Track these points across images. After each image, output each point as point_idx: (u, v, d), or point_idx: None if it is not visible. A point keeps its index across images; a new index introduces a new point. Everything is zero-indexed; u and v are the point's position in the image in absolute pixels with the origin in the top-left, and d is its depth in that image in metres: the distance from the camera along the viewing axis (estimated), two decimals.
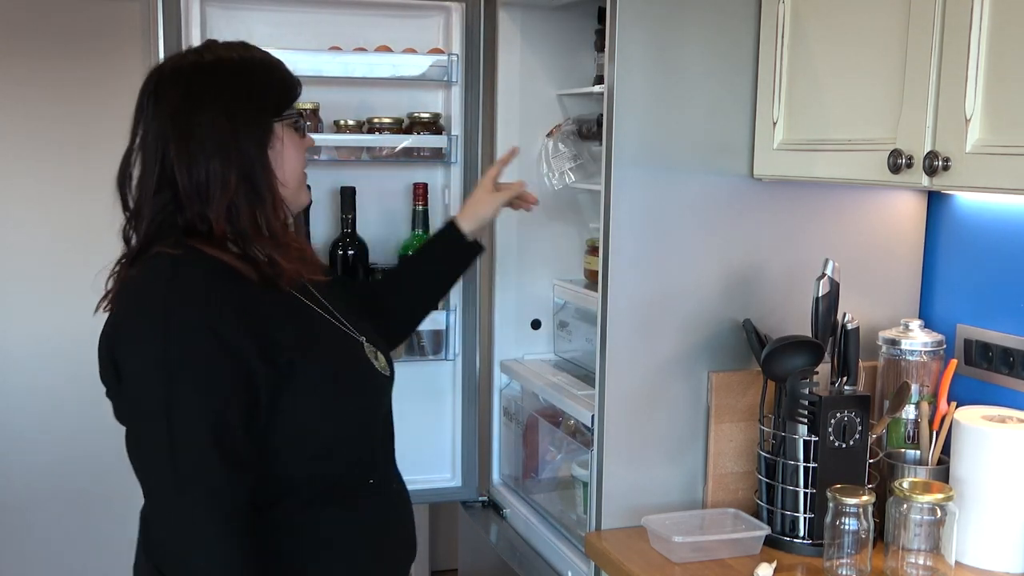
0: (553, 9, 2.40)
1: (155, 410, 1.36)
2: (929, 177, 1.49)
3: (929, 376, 1.88)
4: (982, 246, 1.96)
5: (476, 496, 2.54)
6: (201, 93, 1.45)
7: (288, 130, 1.53)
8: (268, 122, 1.49)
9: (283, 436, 1.46)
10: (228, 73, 1.48)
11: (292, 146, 1.54)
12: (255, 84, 1.49)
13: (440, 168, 2.48)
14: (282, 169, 1.50)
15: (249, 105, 1.47)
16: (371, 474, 1.61)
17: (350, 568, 1.56)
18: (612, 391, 1.91)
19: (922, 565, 1.66)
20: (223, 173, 1.42)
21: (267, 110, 1.49)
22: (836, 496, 1.69)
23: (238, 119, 1.45)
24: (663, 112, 1.87)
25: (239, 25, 2.35)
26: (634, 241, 1.89)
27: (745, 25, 1.89)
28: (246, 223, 1.44)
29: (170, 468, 1.37)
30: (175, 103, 1.46)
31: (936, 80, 1.48)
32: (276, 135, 1.50)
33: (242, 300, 1.42)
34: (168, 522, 1.40)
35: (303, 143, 1.58)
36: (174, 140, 1.44)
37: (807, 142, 1.79)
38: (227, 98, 1.45)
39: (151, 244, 1.45)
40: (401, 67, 2.36)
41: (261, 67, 1.52)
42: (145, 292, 1.41)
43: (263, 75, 1.52)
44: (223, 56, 1.49)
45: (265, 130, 1.48)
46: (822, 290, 1.82)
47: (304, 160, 1.58)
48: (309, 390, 1.47)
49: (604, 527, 1.94)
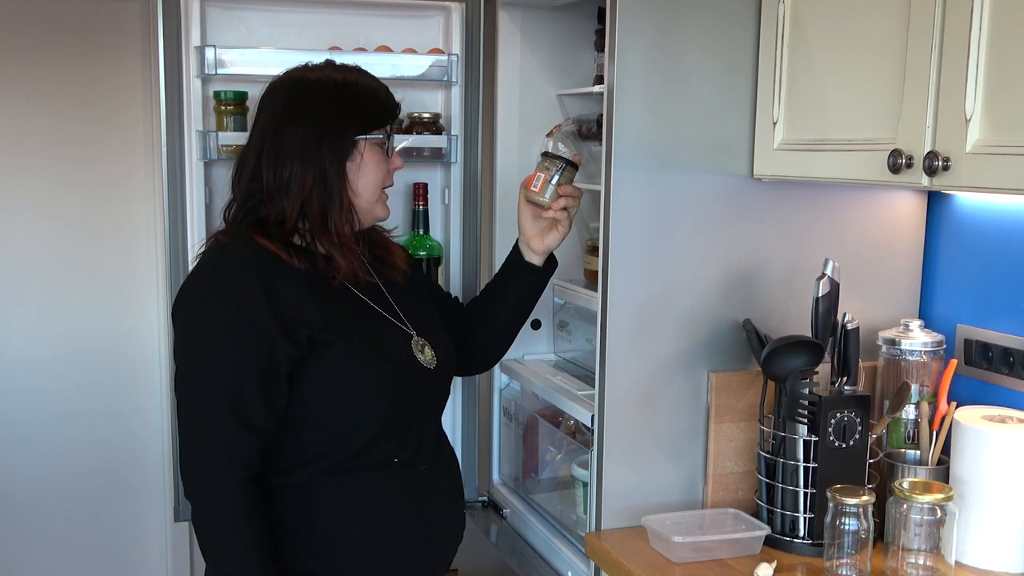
0: (553, 9, 2.40)
1: (183, 368, 1.63)
2: (929, 177, 1.49)
3: (929, 376, 1.88)
4: (982, 246, 1.96)
5: (476, 496, 2.55)
6: (297, 106, 1.68)
7: (371, 148, 1.71)
8: (351, 138, 1.68)
9: (307, 408, 1.64)
10: (325, 92, 1.69)
11: (373, 163, 1.71)
12: (346, 103, 1.69)
13: (440, 168, 2.48)
14: (358, 181, 1.70)
15: (336, 122, 1.67)
16: (398, 453, 1.71)
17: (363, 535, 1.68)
18: (612, 391, 1.91)
19: (922, 565, 1.66)
20: (302, 176, 1.65)
21: (353, 127, 1.68)
22: (836, 496, 1.69)
23: (324, 133, 1.66)
24: (663, 112, 1.87)
25: (239, 25, 2.35)
26: (634, 241, 1.89)
27: (745, 25, 1.89)
28: (315, 221, 1.66)
29: (188, 422, 1.61)
30: (275, 112, 1.69)
31: (936, 80, 1.48)
32: (358, 150, 1.69)
33: (276, 283, 1.61)
34: (185, 472, 1.63)
35: (386, 162, 1.75)
36: (267, 143, 1.67)
37: (807, 142, 1.79)
38: (317, 114, 1.66)
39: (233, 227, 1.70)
40: (401, 67, 2.36)
41: (357, 89, 1.71)
42: (198, 269, 1.68)
43: (357, 96, 1.70)
44: (326, 76, 1.71)
45: (347, 145, 1.68)
46: (822, 290, 1.82)
47: (385, 178, 1.75)
48: (335, 368, 1.64)
49: (604, 527, 1.94)
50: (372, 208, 1.74)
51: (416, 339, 1.76)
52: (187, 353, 1.64)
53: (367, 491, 1.68)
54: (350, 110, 1.69)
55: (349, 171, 1.68)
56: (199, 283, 1.66)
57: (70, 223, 2.92)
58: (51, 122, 2.86)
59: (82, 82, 2.86)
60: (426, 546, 1.75)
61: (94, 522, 3.03)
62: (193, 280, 1.68)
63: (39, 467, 2.97)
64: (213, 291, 1.62)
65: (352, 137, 1.68)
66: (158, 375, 3.00)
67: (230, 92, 2.30)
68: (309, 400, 1.64)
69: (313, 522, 1.66)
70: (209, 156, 2.28)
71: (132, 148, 2.94)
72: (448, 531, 1.82)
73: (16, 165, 2.86)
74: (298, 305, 1.62)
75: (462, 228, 2.47)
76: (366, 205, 1.72)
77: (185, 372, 1.63)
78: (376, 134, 1.71)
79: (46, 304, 2.92)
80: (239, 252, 1.65)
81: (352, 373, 1.66)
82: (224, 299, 1.60)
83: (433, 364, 1.77)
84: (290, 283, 1.63)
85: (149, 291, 2.99)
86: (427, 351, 1.77)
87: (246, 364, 1.58)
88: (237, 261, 1.64)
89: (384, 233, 1.90)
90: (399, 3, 2.42)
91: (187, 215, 2.28)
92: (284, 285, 1.62)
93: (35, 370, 2.94)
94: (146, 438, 3.04)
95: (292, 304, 1.61)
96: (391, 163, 1.76)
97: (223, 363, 1.59)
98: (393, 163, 1.77)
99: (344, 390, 1.65)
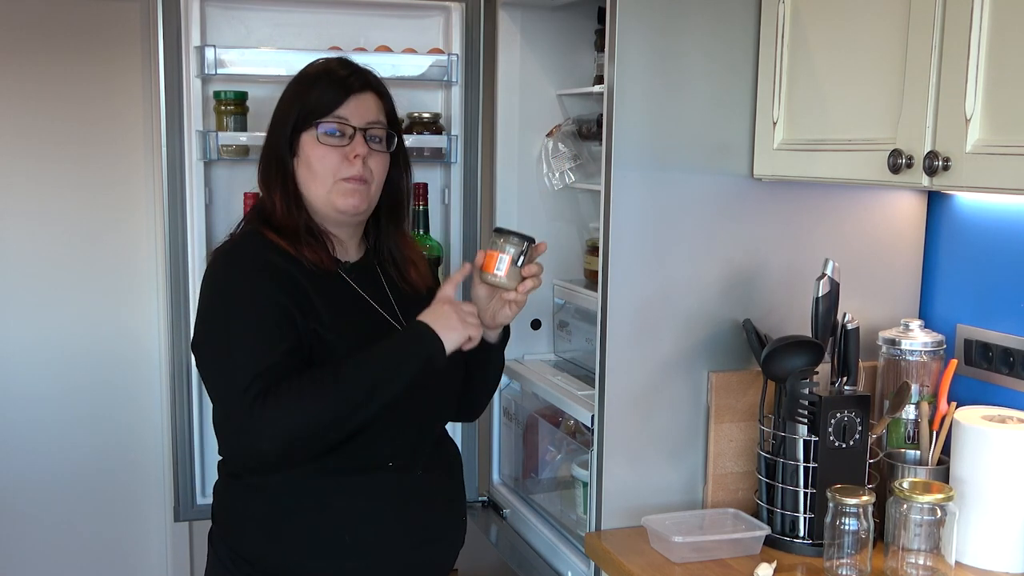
0: (553, 9, 2.40)
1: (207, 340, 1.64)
2: (929, 177, 1.49)
3: (929, 376, 1.88)
4: (982, 246, 1.96)
5: (476, 496, 2.55)
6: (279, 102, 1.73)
7: (310, 140, 1.67)
8: (291, 133, 1.68)
9: None
10: (289, 86, 1.72)
11: (313, 155, 1.67)
12: (295, 95, 1.70)
13: (440, 168, 2.48)
14: (303, 175, 1.69)
15: (283, 116, 1.70)
16: (392, 458, 1.68)
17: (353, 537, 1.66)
18: (612, 391, 1.91)
19: (922, 565, 1.66)
20: (267, 172, 1.71)
21: (291, 120, 1.68)
22: (836, 496, 1.69)
23: (275, 127, 1.71)
24: (663, 112, 1.87)
25: (239, 25, 2.35)
26: (634, 241, 1.89)
27: (745, 25, 1.89)
28: (280, 215, 1.68)
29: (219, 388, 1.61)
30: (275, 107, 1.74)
31: (936, 80, 1.48)
32: (300, 143, 1.68)
33: (281, 271, 1.63)
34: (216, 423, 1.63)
35: (332, 153, 1.67)
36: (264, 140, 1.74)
37: (807, 142, 1.79)
38: (277, 109, 1.72)
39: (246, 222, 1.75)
40: (401, 67, 2.36)
41: (309, 78, 1.71)
42: (214, 258, 1.71)
43: (305, 85, 1.70)
44: (303, 69, 1.73)
45: (292, 137, 1.68)
46: (822, 290, 1.82)
47: (334, 168, 1.67)
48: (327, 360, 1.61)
49: (604, 527, 1.94)
50: (327, 201, 1.68)
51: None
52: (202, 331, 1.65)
53: (359, 494, 1.67)
54: (294, 101, 1.69)
55: (298, 167, 1.69)
56: (213, 270, 1.68)
57: (70, 223, 2.92)
58: (51, 122, 2.86)
59: (82, 82, 2.86)
60: (421, 550, 1.74)
61: (94, 522, 3.03)
62: (209, 268, 1.70)
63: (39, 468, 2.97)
64: (227, 275, 1.65)
65: (290, 131, 1.68)
66: (158, 376, 3.00)
67: (230, 92, 2.30)
68: None
69: (305, 522, 1.65)
70: (209, 156, 2.28)
71: (132, 148, 2.94)
72: (446, 536, 1.80)
73: (16, 165, 2.86)
74: (304, 297, 1.63)
75: (462, 228, 2.47)
76: (318, 198, 1.69)
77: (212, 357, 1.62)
78: (318, 123, 1.66)
79: (46, 305, 2.92)
80: (248, 243, 1.68)
81: None
82: (237, 280, 1.63)
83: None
84: (297, 276, 1.64)
85: (149, 291, 2.99)
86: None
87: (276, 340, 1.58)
88: (247, 251, 1.67)
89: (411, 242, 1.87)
90: (399, 3, 2.43)
91: (187, 215, 2.28)
92: (290, 277, 1.63)
93: (35, 371, 2.94)
94: (146, 439, 3.04)
95: (298, 294, 1.62)
96: (350, 150, 1.66)
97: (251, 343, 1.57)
98: (352, 150, 1.66)
99: None
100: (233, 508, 1.73)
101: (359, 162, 1.67)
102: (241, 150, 2.32)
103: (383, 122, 1.71)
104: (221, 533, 1.74)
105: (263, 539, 1.67)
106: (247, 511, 1.69)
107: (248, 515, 1.69)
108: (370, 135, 1.69)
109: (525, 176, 2.46)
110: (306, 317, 1.62)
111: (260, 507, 1.67)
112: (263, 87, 2.33)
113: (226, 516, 1.74)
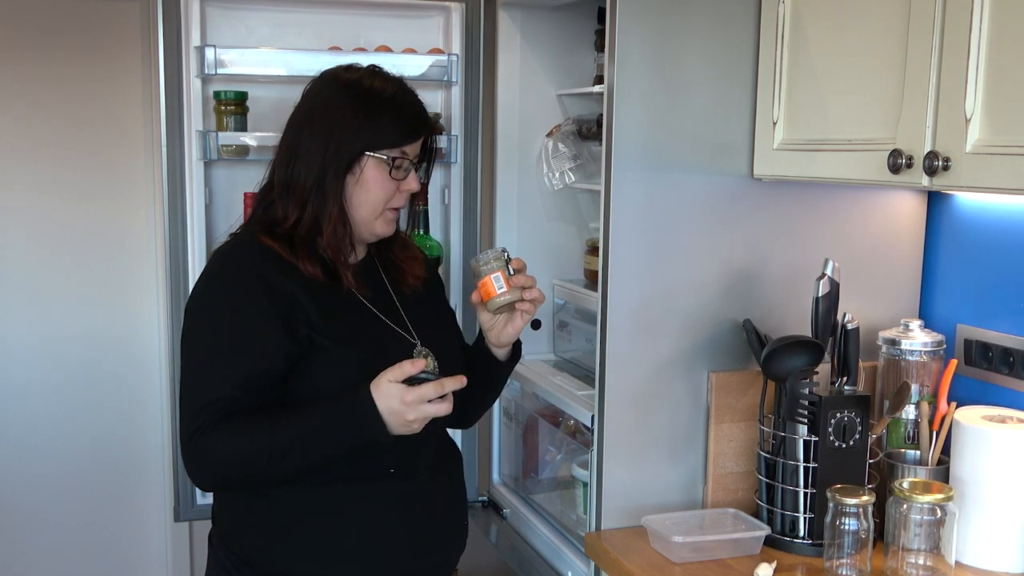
0: (553, 9, 2.40)
1: (182, 351, 1.66)
2: (929, 177, 1.49)
3: (929, 376, 1.88)
4: (982, 246, 1.96)
5: (476, 496, 2.55)
6: (318, 107, 1.67)
7: (377, 165, 1.66)
8: (357, 152, 1.64)
9: None
10: (347, 97, 1.66)
11: (375, 181, 1.66)
12: (362, 114, 1.65)
13: (440, 168, 2.48)
14: (356, 196, 1.66)
15: (347, 131, 1.64)
16: (395, 464, 1.67)
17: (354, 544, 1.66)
18: (612, 391, 1.91)
19: (922, 565, 1.66)
20: (304, 178, 1.64)
21: (360, 140, 1.64)
22: (836, 496, 1.69)
23: (332, 139, 1.64)
24: (663, 112, 1.87)
25: (239, 25, 2.35)
26: (634, 241, 1.89)
27: (745, 25, 1.89)
28: (308, 224, 1.65)
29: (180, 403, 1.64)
30: (301, 109, 1.69)
31: (936, 80, 1.48)
32: (360, 164, 1.65)
33: (274, 281, 1.61)
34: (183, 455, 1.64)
35: (393, 183, 1.68)
36: (286, 141, 1.69)
37: (807, 142, 1.79)
38: (332, 118, 1.65)
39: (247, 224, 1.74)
40: (401, 67, 2.32)
41: (378, 102, 1.66)
42: (210, 262, 1.72)
43: (376, 109, 1.66)
44: (357, 81, 1.68)
45: (352, 157, 1.64)
46: (822, 290, 1.82)
47: (390, 198, 1.68)
48: (329, 369, 1.62)
49: (604, 527, 1.94)
50: (370, 225, 1.69)
51: (419, 348, 1.72)
52: (183, 341, 1.67)
53: (360, 502, 1.66)
54: (363, 121, 1.64)
55: (348, 183, 1.65)
56: (207, 276, 1.68)
57: (70, 222, 2.92)
58: (51, 122, 2.86)
59: (82, 82, 2.87)
60: (422, 557, 1.73)
61: (94, 522, 3.03)
62: (204, 271, 1.71)
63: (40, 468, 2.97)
64: (212, 294, 1.65)
65: (358, 150, 1.64)
66: (158, 376, 3.00)
67: (230, 92, 2.30)
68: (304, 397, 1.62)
69: (305, 528, 1.65)
70: (209, 156, 2.28)
71: (132, 148, 2.94)
72: (448, 542, 1.80)
73: (16, 164, 2.86)
74: (297, 305, 1.61)
75: (462, 228, 2.47)
76: (363, 221, 1.69)
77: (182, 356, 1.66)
78: (385, 153, 1.65)
79: (46, 304, 2.92)
80: (240, 252, 1.67)
81: (347, 379, 1.61)
82: (220, 304, 1.63)
83: (436, 375, 1.69)
84: (290, 283, 1.62)
85: (149, 291, 2.99)
86: (429, 361, 1.69)
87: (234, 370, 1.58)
88: (236, 262, 1.66)
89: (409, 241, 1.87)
90: (399, 3, 2.43)
91: (187, 215, 2.29)
92: (283, 284, 1.62)
93: (35, 371, 2.94)
94: (146, 439, 3.05)
95: (291, 303, 1.61)
96: (404, 184, 1.69)
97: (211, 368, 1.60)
98: (406, 184, 1.69)
99: None
100: (233, 512, 1.72)
101: (407, 195, 1.71)
102: (241, 150, 2.32)
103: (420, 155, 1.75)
104: (221, 535, 1.74)
105: (263, 543, 1.67)
106: (247, 515, 1.69)
107: (248, 519, 1.69)
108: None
109: (525, 176, 2.46)
110: (299, 327, 1.60)
111: (260, 512, 1.67)
112: (263, 87, 2.33)
113: (226, 519, 1.74)
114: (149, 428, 3.03)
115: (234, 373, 1.58)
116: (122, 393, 3.01)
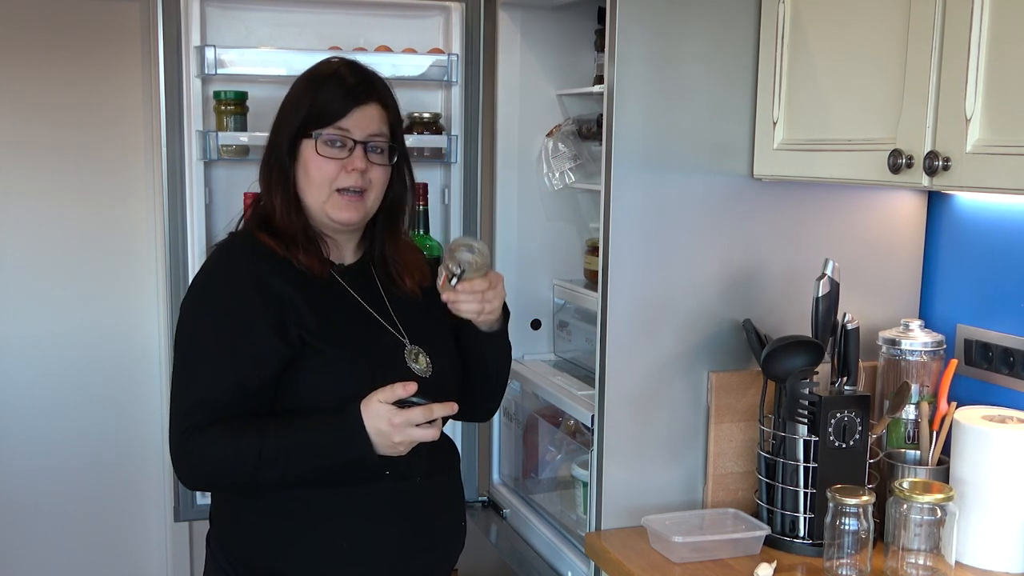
0: (553, 9, 2.40)
1: (175, 348, 1.67)
2: (929, 177, 1.49)
3: (929, 376, 1.88)
4: (982, 246, 1.96)
5: (476, 496, 2.54)
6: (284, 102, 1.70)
7: (310, 148, 1.65)
8: (294, 132, 1.65)
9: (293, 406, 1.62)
10: (297, 82, 1.69)
11: (312, 162, 1.65)
12: (295, 98, 1.68)
13: (440, 168, 2.48)
14: (302, 180, 1.66)
15: (285, 118, 1.67)
16: (390, 466, 1.64)
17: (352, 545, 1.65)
18: (612, 391, 1.91)
19: (922, 565, 1.66)
20: (267, 174, 1.69)
21: (296, 121, 1.65)
22: (836, 496, 1.69)
23: (278, 129, 1.68)
24: (663, 112, 1.87)
25: (239, 25, 2.35)
26: (634, 241, 1.89)
27: (745, 25, 1.89)
28: (280, 218, 1.67)
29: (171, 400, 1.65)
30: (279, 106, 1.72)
31: (936, 80, 1.48)
32: (300, 149, 1.66)
33: (269, 280, 1.61)
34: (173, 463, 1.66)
35: (329, 163, 1.65)
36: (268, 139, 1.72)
37: (807, 142, 1.79)
38: (282, 106, 1.69)
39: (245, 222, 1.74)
40: (401, 67, 2.36)
41: (320, 78, 1.67)
42: (208, 259, 1.72)
43: (313, 86, 1.67)
44: (313, 67, 1.70)
45: (292, 143, 1.66)
46: (822, 290, 1.82)
47: (331, 178, 1.65)
48: (322, 370, 1.62)
49: (604, 527, 1.94)
50: (322, 208, 1.66)
51: (410, 348, 1.70)
52: (178, 346, 1.66)
53: (356, 504, 1.65)
54: (300, 101, 1.66)
55: (296, 168, 1.66)
56: (202, 275, 1.69)
57: (71, 222, 2.92)
58: (51, 122, 2.86)
59: (82, 82, 2.87)
60: (420, 558, 1.73)
61: (95, 522, 3.03)
62: (196, 277, 1.71)
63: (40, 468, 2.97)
64: (206, 293, 1.65)
65: (295, 131, 1.65)
66: (158, 375, 3.00)
67: (230, 92, 2.30)
68: (294, 407, 1.62)
69: (302, 530, 1.64)
70: (209, 156, 2.29)
71: (132, 148, 2.94)
72: (446, 542, 1.79)
73: (16, 165, 2.86)
74: (291, 305, 1.61)
75: (462, 228, 2.47)
76: (314, 205, 1.66)
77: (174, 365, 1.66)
78: (320, 131, 1.63)
79: (47, 302, 2.93)
80: (237, 250, 1.69)
81: (338, 379, 1.62)
82: (213, 303, 1.63)
83: (428, 373, 1.70)
84: (284, 282, 1.62)
85: (149, 291, 2.99)
86: (421, 359, 1.70)
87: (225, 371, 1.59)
88: (232, 260, 1.67)
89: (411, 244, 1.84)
90: (399, 3, 2.43)
91: (187, 215, 2.29)
92: (278, 283, 1.62)
93: (36, 370, 2.94)
94: (146, 439, 3.04)
95: (285, 302, 1.61)
96: (348, 163, 1.64)
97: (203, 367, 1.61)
98: (351, 163, 1.64)
99: (329, 396, 1.61)
100: (230, 513, 1.72)
101: (356, 174, 1.65)
102: (241, 150, 2.32)
103: (385, 134, 1.68)
104: (218, 537, 1.74)
105: (260, 545, 1.66)
106: (244, 517, 1.68)
107: (245, 521, 1.68)
108: (371, 146, 1.67)
109: (525, 176, 2.46)
110: (291, 327, 1.60)
111: (257, 514, 1.66)
112: (263, 87, 2.33)
113: (223, 520, 1.73)
114: (149, 428, 3.03)
115: (225, 374, 1.59)
116: (123, 393, 3.01)
